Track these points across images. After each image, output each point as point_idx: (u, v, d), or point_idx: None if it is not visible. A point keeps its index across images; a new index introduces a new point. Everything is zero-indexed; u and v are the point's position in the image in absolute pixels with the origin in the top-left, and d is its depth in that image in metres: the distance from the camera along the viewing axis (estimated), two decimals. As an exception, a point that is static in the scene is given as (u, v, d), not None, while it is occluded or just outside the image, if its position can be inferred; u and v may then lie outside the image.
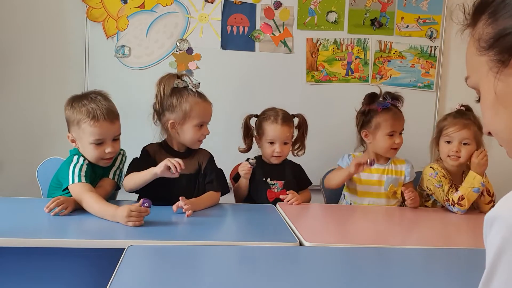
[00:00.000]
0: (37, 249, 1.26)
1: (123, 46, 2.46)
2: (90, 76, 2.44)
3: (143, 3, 2.45)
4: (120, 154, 1.80)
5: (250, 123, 2.04)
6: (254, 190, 1.93)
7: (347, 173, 1.93)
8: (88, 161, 1.65)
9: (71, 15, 2.44)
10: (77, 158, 1.63)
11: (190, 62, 2.51)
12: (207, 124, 1.76)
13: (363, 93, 2.03)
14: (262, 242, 1.32)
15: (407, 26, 2.64)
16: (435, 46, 2.66)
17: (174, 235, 1.39)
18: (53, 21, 2.44)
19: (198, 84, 1.73)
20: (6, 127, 2.46)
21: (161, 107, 1.73)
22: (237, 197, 1.98)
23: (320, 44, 2.58)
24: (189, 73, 2.42)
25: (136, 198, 1.72)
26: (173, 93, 1.71)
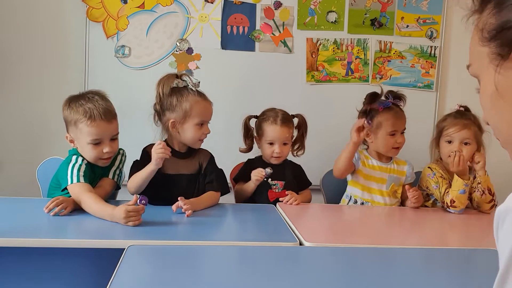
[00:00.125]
0: (37, 249, 1.26)
1: (123, 46, 2.46)
2: (90, 76, 2.43)
3: (143, 3, 2.45)
4: (120, 154, 1.80)
5: (250, 124, 2.04)
6: (255, 191, 1.92)
7: (351, 144, 1.86)
8: (87, 161, 1.65)
9: (71, 15, 2.44)
10: (76, 158, 1.63)
11: (190, 62, 2.51)
12: (208, 123, 1.76)
13: (363, 93, 2.02)
14: (262, 242, 1.32)
15: (407, 26, 2.64)
16: (435, 46, 2.66)
17: (174, 235, 1.39)
18: (53, 21, 2.44)
19: (198, 83, 1.73)
20: (6, 127, 2.46)
21: (161, 107, 1.73)
22: (238, 199, 1.98)
23: (320, 44, 2.58)
24: (189, 73, 2.41)
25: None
26: (173, 93, 1.71)
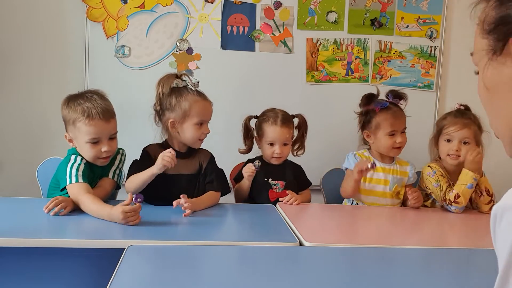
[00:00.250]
0: (37, 249, 1.26)
1: (123, 46, 2.46)
2: (90, 76, 2.43)
3: (143, 3, 2.45)
4: (120, 154, 1.80)
5: (250, 124, 2.04)
6: (256, 191, 1.93)
7: (353, 180, 1.88)
8: (86, 161, 1.65)
9: (71, 15, 2.44)
10: (75, 158, 1.63)
11: (190, 62, 2.51)
12: (208, 123, 1.76)
13: (363, 93, 2.02)
14: (262, 242, 1.32)
15: (407, 26, 2.64)
16: (435, 46, 2.66)
17: (174, 235, 1.39)
18: (53, 21, 2.44)
19: (197, 83, 1.73)
20: (6, 127, 2.46)
21: (161, 107, 1.73)
22: (238, 198, 1.98)
23: (320, 44, 2.58)
24: (189, 73, 2.41)
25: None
26: (173, 93, 1.71)
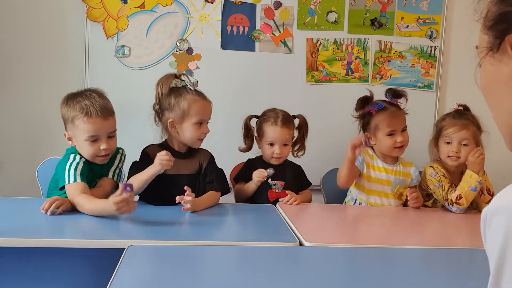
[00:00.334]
0: (37, 249, 1.26)
1: (123, 46, 2.46)
2: (90, 76, 2.43)
3: (143, 3, 2.45)
4: (119, 153, 1.80)
5: (251, 124, 2.04)
6: (256, 191, 1.92)
7: (347, 161, 1.84)
8: (85, 159, 1.65)
9: (71, 15, 2.44)
10: (74, 156, 1.63)
11: (190, 62, 2.51)
12: (207, 123, 1.76)
13: (363, 93, 2.02)
14: (262, 242, 1.33)
15: (407, 26, 2.64)
16: (435, 46, 2.66)
17: (174, 235, 1.39)
18: (53, 21, 2.44)
19: (196, 83, 1.73)
20: (6, 127, 2.46)
21: (160, 107, 1.73)
22: (239, 198, 1.98)
23: (320, 44, 2.58)
24: (189, 73, 2.42)
25: (137, 198, 1.72)
26: (172, 93, 1.71)
